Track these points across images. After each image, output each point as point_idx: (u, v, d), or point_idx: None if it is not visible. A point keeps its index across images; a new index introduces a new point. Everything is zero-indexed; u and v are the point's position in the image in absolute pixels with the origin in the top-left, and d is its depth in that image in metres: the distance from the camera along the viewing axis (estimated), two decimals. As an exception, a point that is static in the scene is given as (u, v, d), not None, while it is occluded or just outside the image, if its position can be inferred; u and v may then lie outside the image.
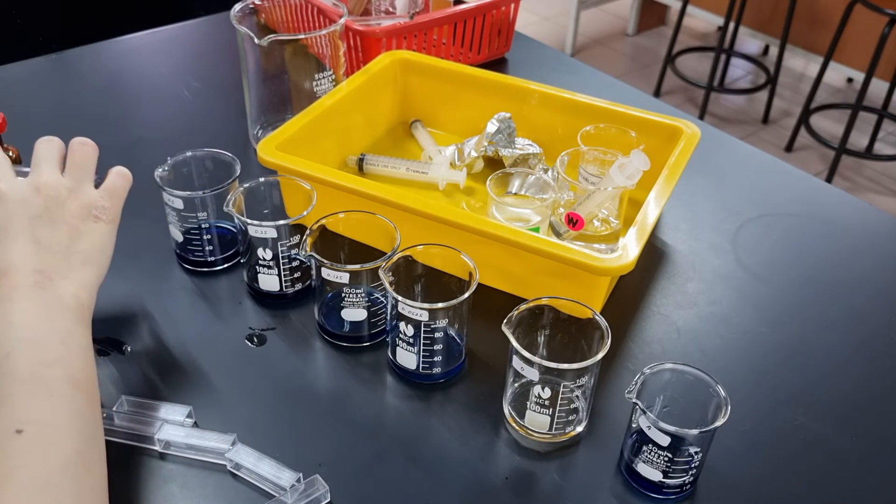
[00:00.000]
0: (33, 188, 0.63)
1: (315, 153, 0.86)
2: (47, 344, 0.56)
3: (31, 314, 0.57)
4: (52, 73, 1.18)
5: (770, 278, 0.85)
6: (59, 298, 0.59)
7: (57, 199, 0.63)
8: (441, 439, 0.67)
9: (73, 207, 0.64)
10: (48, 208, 0.62)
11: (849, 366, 0.76)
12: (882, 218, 0.96)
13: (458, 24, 1.15)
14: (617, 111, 0.93)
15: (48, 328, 0.57)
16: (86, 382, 0.56)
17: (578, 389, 0.64)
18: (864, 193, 2.64)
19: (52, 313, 0.58)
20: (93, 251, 0.63)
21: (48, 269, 0.60)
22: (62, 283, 0.60)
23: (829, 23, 2.77)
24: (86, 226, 0.64)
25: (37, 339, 0.56)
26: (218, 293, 0.80)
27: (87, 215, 0.64)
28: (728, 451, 0.66)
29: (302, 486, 0.61)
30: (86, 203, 0.64)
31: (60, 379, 0.55)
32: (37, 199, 0.62)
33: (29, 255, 0.60)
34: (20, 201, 0.62)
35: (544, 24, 3.63)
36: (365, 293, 0.73)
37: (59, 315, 0.58)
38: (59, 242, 0.61)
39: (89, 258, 0.63)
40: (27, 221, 0.61)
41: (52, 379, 0.54)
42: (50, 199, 0.63)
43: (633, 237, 0.74)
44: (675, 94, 3.11)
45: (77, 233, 0.63)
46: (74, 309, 0.59)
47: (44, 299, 0.58)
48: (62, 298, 0.59)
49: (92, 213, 0.64)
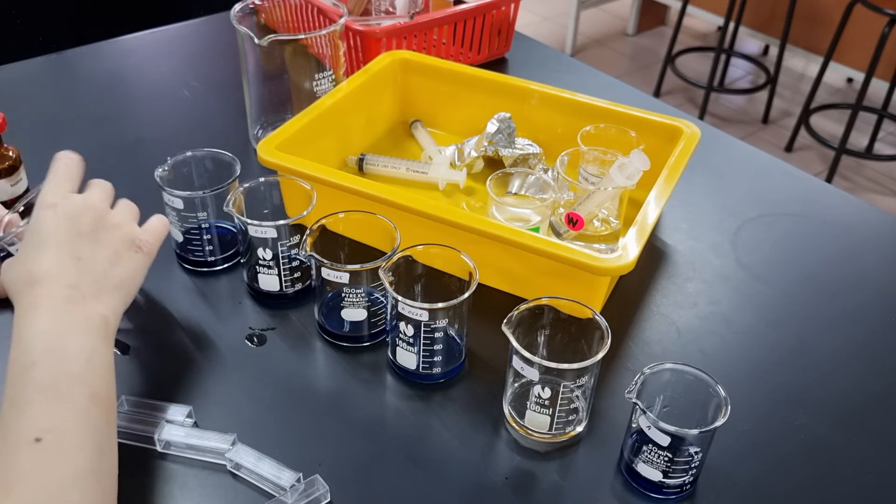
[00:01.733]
0: (86, 207, 0.65)
1: (315, 153, 0.86)
2: (73, 357, 0.57)
3: (60, 326, 0.58)
4: (52, 73, 1.18)
5: (770, 278, 0.85)
6: (88, 316, 0.60)
7: (105, 224, 0.65)
8: (441, 439, 0.67)
9: (119, 234, 0.66)
10: (96, 229, 0.64)
11: (849, 365, 0.76)
12: (882, 218, 0.96)
13: (458, 24, 1.15)
14: (617, 111, 0.93)
15: (75, 342, 0.58)
16: (105, 399, 0.58)
17: (578, 389, 0.64)
18: (864, 193, 2.64)
19: (80, 328, 0.59)
20: (127, 278, 0.65)
21: (82, 287, 0.61)
22: (93, 302, 0.61)
23: (829, 23, 2.77)
24: (127, 253, 0.66)
25: (63, 351, 0.57)
26: (218, 293, 0.80)
27: (130, 244, 0.66)
28: (728, 451, 0.66)
29: (302, 486, 0.61)
30: (130, 232, 0.67)
31: (82, 393, 0.56)
32: (87, 216, 0.64)
33: (66, 269, 0.61)
34: (71, 215, 0.64)
35: (544, 24, 3.63)
36: (365, 293, 0.73)
37: (87, 331, 0.59)
38: (98, 263, 0.63)
39: (122, 284, 0.64)
40: (73, 236, 0.63)
41: (73, 392, 0.55)
42: (98, 221, 0.65)
43: (633, 237, 0.74)
44: (675, 94, 3.11)
45: (117, 258, 0.65)
46: (101, 328, 0.60)
47: (74, 314, 0.59)
48: (91, 317, 0.60)
49: (135, 242, 0.67)
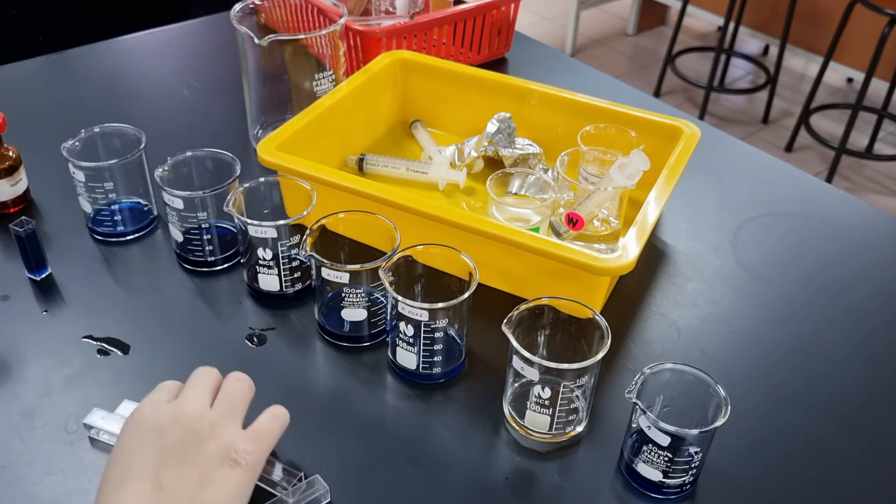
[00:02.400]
0: (174, 418, 0.56)
1: (315, 153, 0.86)
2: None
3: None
4: (52, 73, 1.18)
5: (770, 278, 0.85)
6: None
7: (195, 435, 0.56)
8: (441, 439, 0.67)
9: (211, 448, 0.56)
10: (183, 443, 0.55)
11: (849, 365, 0.76)
12: (882, 218, 0.96)
13: (458, 24, 1.15)
14: (617, 111, 0.93)
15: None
16: None
17: (578, 389, 0.64)
18: (864, 193, 2.64)
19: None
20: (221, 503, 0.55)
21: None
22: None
23: (829, 23, 2.77)
24: (220, 473, 0.55)
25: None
26: (218, 293, 0.80)
27: (223, 459, 0.55)
28: (728, 451, 0.66)
29: (302, 485, 0.61)
30: (226, 443, 0.56)
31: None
32: (174, 430, 0.56)
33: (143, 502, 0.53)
34: (156, 431, 0.56)
35: (544, 24, 3.63)
36: (365, 293, 0.73)
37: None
38: (183, 489, 0.54)
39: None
40: (156, 457, 0.54)
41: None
42: (188, 432, 0.56)
43: (633, 237, 0.74)
44: (675, 94, 3.11)
45: (208, 480, 0.54)
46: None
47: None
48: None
49: (231, 455, 0.56)
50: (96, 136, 0.84)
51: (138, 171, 0.84)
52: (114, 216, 0.85)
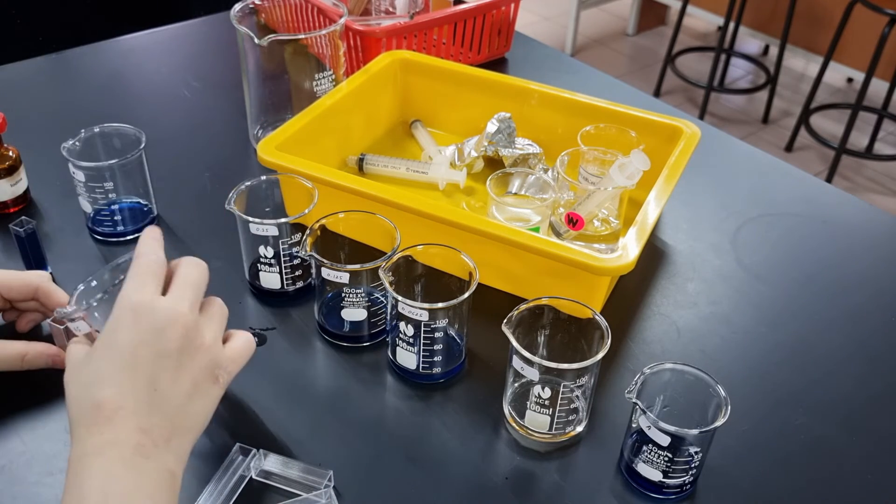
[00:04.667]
0: (172, 318, 0.55)
1: (315, 153, 0.86)
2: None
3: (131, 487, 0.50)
4: (52, 73, 1.18)
5: (770, 278, 0.85)
6: (159, 474, 0.52)
7: (192, 343, 0.56)
8: (441, 439, 0.67)
9: (203, 360, 0.56)
10: (181, 350, 0.55)
11: (849, 365, 0.76)
12: (882, 218, 0.96)
13: (458, 24, 1.15)
14: (617, 111, 0.93)
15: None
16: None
17: (578, 389, 0.64)
18: (864, 193, 2.64)
19: (152, 492, 0.51)
20: (200, 416, 0.56)
21: (153, 432, 0.53)
22: (164, 452, 0.53)
23: (829, 23, 2.77)
24: (205, 386, 0.56)
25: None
26: (218, 292, 0.80)
27: (210, 373, 0.56)
28: (728, 451, 0.66)
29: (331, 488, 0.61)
30: (215, 359, 0.57)
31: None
32: (173, 332, 0.55)
33: (139, 402, 0.53)
34: (155, 329, 0.54)
35: (544, 24, 3.63)
36: (365, 293, 0.73)
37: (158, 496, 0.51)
38: (176, 396, 0.54)
39: (194, 424, 0.56)
40: (154, 358, 0.54)
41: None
42: (186, 339, 0.55)
43: (633, 237, 0.74)
44: (675, 94, 3.11)
45: (196, 390, 0.55)
46: (170, 490, 0.52)
47: (142, 471, 0.51)
48: (159, 474, 0.52)
49: (214, 372, 0.57)
50: (96, 136, 0.84)
51: (138, 171, 0.85)
52: (114, 216, 0.85)
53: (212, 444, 0.65)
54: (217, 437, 0.65)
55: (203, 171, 0.96)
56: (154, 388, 0.53)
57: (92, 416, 0.52)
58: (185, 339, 0.55)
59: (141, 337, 0.54)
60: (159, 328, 0.54)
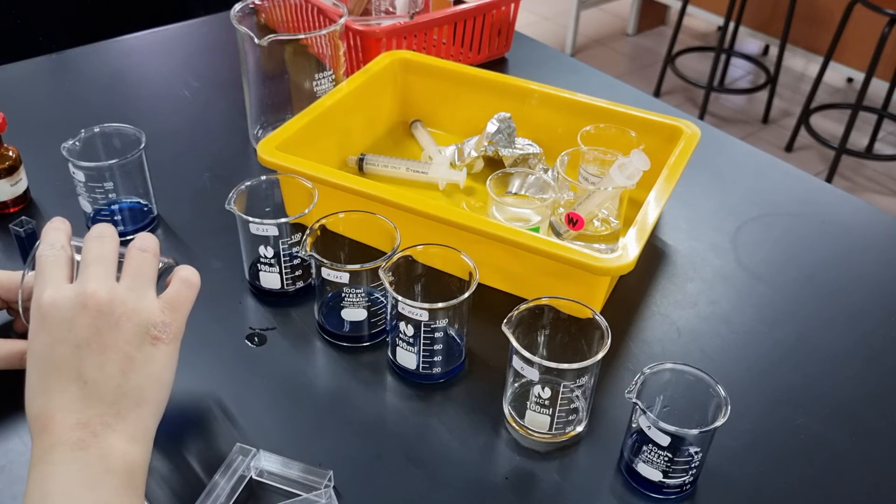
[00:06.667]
0: (80, 303, 0.53)
1: (315, 153, 0.86)
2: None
3: (71, 482, 0.49)
4: (52, 73, 1.18)
5: (770, 278, 0.85)
6: (104, 460, 0.50)
7: (109, 318, 0.53)
8: (441, 439, 0.67)
9: (128, 328, 0.53)
10: (98, 330, 0.52)
11: (848, 365, 0.76)
12: (882, 218, 0.96)
13: (458, 24, 1.15)
14: (617, 111, 0.93)
15: (89, 499, 0.49)
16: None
17: (578, 389, 0.64)
18: (864, 193, 2.64)
19: (94, 480, 0.50)
20: (149, 386, 0.54)
21: (92, 421, 0.51)
22: (109, 438, 0.51)
23: (829, 23, 2.77)
24: (142, 352, 0.53)
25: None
26: (218, 292, 0.80)
27: (143, 338, 0.54)
28: (728, 451, 0.66)
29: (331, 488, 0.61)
30: (143, 320, 0.54)
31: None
32: (84, 318, 0.52)
33: (71, 401, 0.51)
34: (64, 323, 0.52)
35: (544, 24, 3.63)
36: (365, 293, 0.73)
37: (103, 482, 0.50)
38: (108, 379, 0.52)
39: (144, 396, 0.53)
40: (72, 351, 0.52)
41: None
42: (101, 317, 0.53)
43: (633, 237, 0.74)
44: (675, 94, 3.11)
45: (131, 363, 0.53)
46: (121, 472, 0.51)
47: (85, 463, 0.50)
48: (108, 460, 0.50)
49: (150, 333, 0.54)
50: (96, 136, 0.84)
51: (138, 171, 0.85)
52: (114, 216, 0.85)
53: (212, 444, 0.65)
54: (217, 437, 0.65)
55: (203, 171, 0.96)
56: (84, 382, 0.52)
57: (34, 429, 0.52)
58: (100, 318, 0.53)
59: (53, 336, 0.53)
60: (68, 319, 0.53)
